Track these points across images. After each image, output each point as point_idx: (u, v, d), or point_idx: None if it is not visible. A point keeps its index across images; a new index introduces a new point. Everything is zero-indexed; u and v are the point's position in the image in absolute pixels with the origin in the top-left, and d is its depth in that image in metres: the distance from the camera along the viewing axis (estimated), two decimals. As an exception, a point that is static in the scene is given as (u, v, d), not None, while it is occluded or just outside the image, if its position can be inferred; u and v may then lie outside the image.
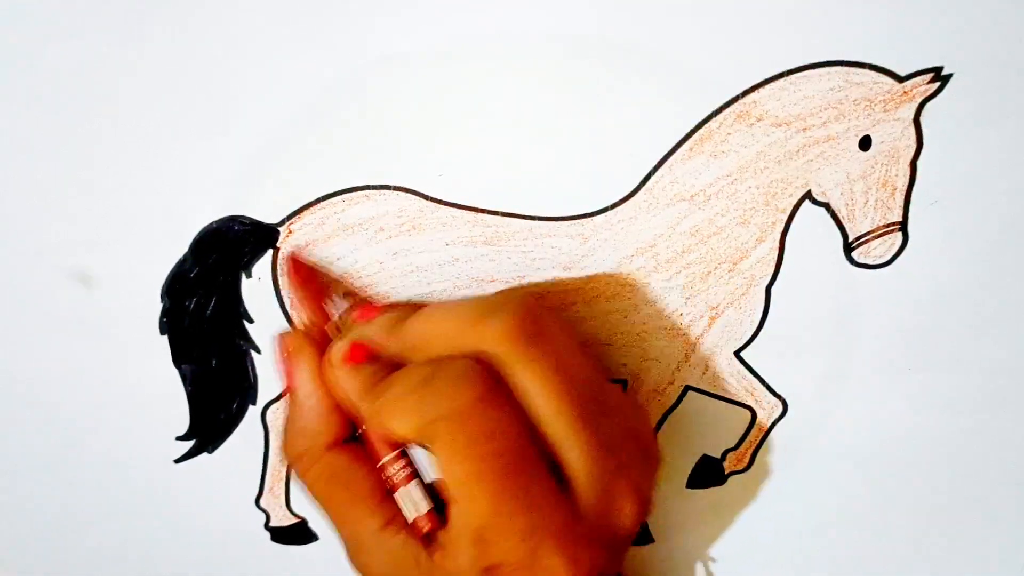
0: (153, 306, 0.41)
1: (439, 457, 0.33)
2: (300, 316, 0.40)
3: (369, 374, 0.36)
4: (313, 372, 0.38)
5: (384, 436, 0.36)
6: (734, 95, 0.37)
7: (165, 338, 0.42)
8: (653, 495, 0.38)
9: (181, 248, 0.40)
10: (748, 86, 0.37)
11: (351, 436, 0.38)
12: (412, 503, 0.35)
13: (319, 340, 0.38)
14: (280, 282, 0.41)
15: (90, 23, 0.36)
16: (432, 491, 0.36)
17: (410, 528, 0.35)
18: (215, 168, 0.38)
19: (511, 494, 0.33)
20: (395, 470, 0.36)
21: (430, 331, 0.35)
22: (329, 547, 0.47)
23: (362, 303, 0.40)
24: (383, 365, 0.36)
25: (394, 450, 0.36)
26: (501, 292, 0.38)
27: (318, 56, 0.37)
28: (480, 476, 0.33)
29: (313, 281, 0.40)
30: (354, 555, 0.37)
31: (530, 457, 0.34)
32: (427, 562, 0.35)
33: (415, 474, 0.36)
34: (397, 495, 0.36)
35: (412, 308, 0.37)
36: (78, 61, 0.36)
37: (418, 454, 0.37)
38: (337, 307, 0.40)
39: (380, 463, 0.36)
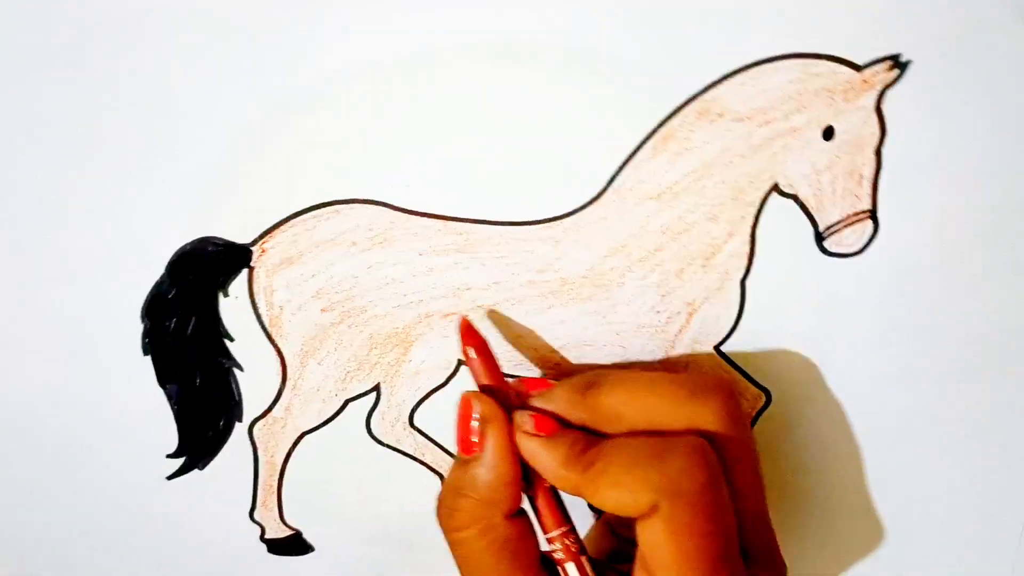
0: (135, 327, 0.41)
1: (655, 533, 0.33)
2: (480, 381, 0.39)
3: (571, 442, 0.36)
4: (506, 441, 0.37)
5: (606, 507, 0.35)
6: (694, 92, 0.37)
7: (149, 359, 0.42)
8: None
9: (158, 270, 0.40)
10: (707, 83, 0.37)
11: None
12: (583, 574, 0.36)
13: (507, 404, 0.38)
14: (264, 328, 0.42)
15: (41, 58, 0.36)
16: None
17: None
18: (185, 190, 0.39)
19: None
20: (569, 542, 0.37)
21: (631, 404, 0.36)
22: (324, 557, 0.48)
23: (530, 379, 0.40)
24: (581, 435, 0.36)
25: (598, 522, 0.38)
26: (698, 371, 0.39)
27: (279, 72, 0.37)
28: (696, 557, 0.33)
29: (486, 347, 0.39)
30: None
31: (736, 544, 0.34)
32: None
33: (583, 550, 0.37)
34: (568, 566, 0.36)
35: (595, 376, 0.37)
36: (38, 91, 0.37)
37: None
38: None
39: (550, 535, 0.37)
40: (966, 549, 0.48)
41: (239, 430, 0.44)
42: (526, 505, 0.38)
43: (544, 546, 0.38)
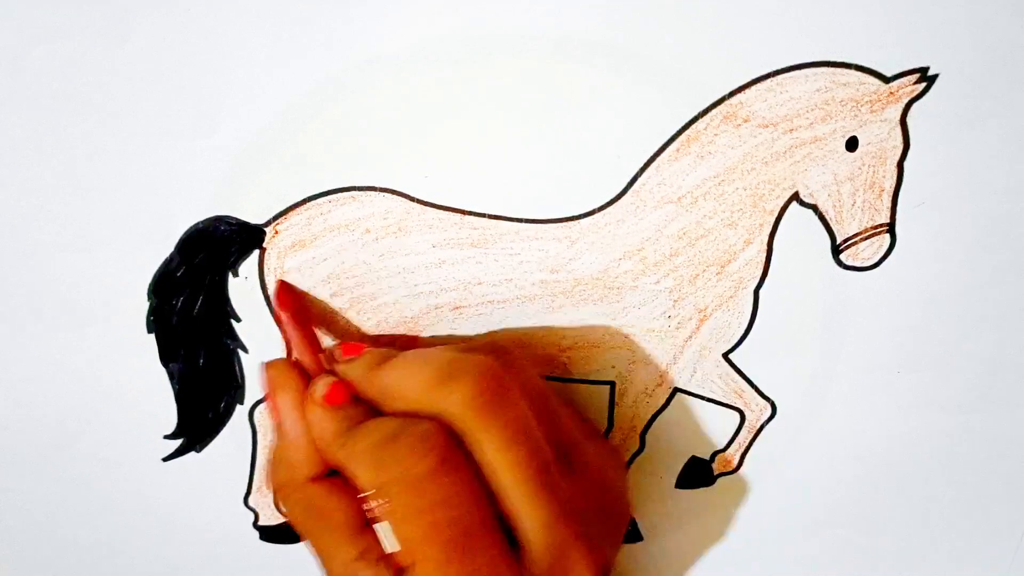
0: (140, 305, 0.41)
1: (394, 518, 0.34)
2: (291, 346, 0.40)
3: (343, 418, 0.36)
4: (296, 405, 0.38)
5: (358, 487, 0.36)
6: (720, 96, 0.37)
7: (152, 337, 0.42)
8: (614, 556, 0.38)
9: (168, 248, 0.40)
10: (735, 87, 0.37)
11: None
12: (390, 537, 0.35)
13: (313, 371, 0.39)
14: (271, 309, 0.41)
15: (76, 24, 0.36)
16: None
17: (386, 560, 0.35)
18: (202, 168, 0.38)
19: (460, 562, 0.34)
20: (376, 503, 0.36)
21: (400, 383, 0.36)
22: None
23: (348, 341, 0.40)
24: (359, 410, 0.37)
25: None
26: (469, 349, 0.38)
27: (305, 57, 0.37)
28: (431, 541, 0.34)
29: (303, 311, 0.40)
30: None
31: (485, 525, 0.34)
32: None
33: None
34: (377, 527, 0.35)
35: (393, 351, 0.37)
36: (64, 62, 0.36)
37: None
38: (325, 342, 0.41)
39: (361, 495, 0.36)
40: (964, 558, 0.48)
41: (239, 413, 0.44)
42: None
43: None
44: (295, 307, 0.40)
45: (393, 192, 0.39)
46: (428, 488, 0.34)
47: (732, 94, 0.37)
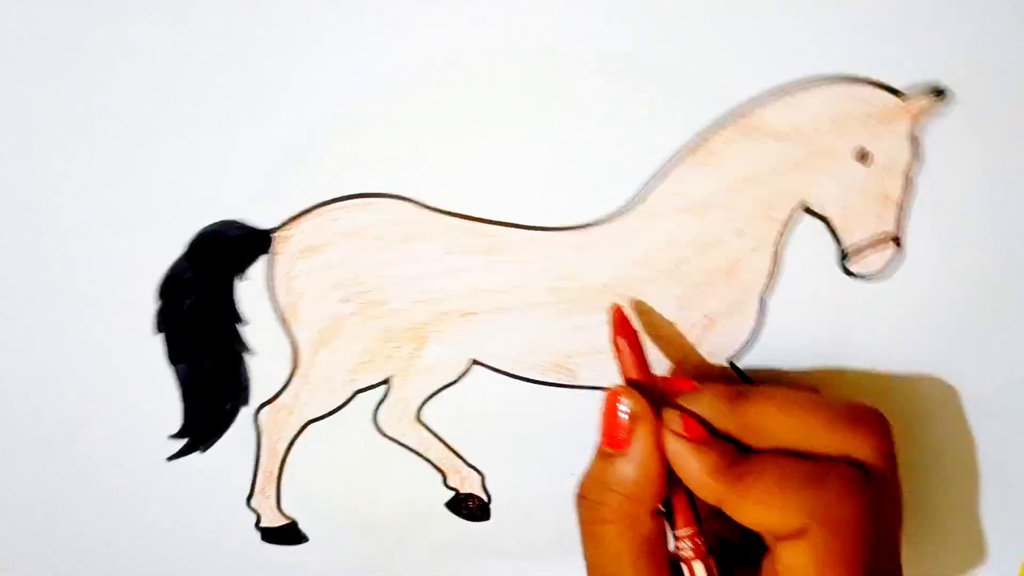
0: (147, 304, 0.41)
1: (799, 556, 0.34)
2: (629, 375, 0.39)
3: (720, 452, 0.35)
4: (655, 440, 0.36)
5: (747, 522, 0.35)
6: (735, 107, 0.37)
7: (159, 337, 0.42)
8: None
9: (176, 248, 0.40)
10: (749, 98, 0.37)
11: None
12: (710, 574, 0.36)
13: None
14: (278, 313, 0.41)
15: (96, 26, 0.35)
16: None
17: None
18: (213, 172, 0.38)
19: None
20: (700, 542, 0.37)
21: (780, 421, 0.36)
22: (318, 548, 0.48)
23: (675, 378, 0.40)
24: (730, 447, 0.36)
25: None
26: (851, 399, 0.38)
27: (318, 68, 0.37)
28: None
29: (637, 339, 0.39)
30: None
31: (881, 571, 0.35)
32: None
33: (711, 551, 0.37)
34: (695, 565, 0.36)
35: (743, 388, 0.37)
36: (81, 64, 0.36)
37: None
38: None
39: (680, 532, 0.36)
40: (964, 559, 0.49)
41: (244, 415, 0.44)
42: None
43: (671, 544, 0.38)
44: (632, 334, 0.39)
45: (404, 199, 0.39)
46: (856, 530, 0.33)
47: (746, 106, 0.37)
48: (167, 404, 0.43)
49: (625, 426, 0.37)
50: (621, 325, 0.39)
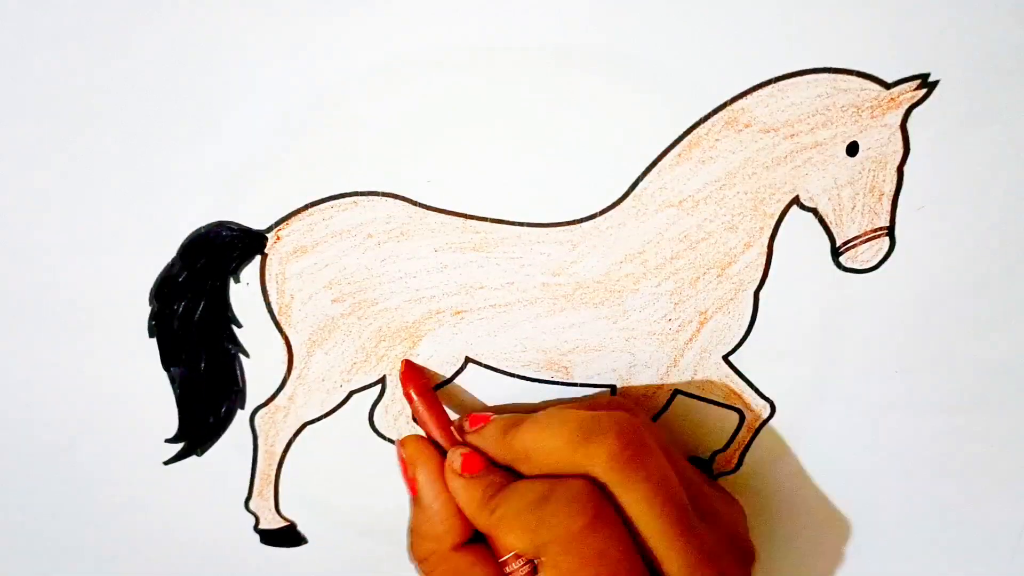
0: (142, 309, 0.41)
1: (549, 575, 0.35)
2: (423, 424, 0.42)
3: (485, 486, 0.38)
4: (435, 479, 0.40)
5: (509, 551, 0.37)
6: (722, 101, 0.37)
7: (154, 341, 0.42)
8: None
9: (169, 252, 0.40)
10: (736, 92, 0.37)
11: (473, 536, 0.39)
12: None
13: (446, 444, 0.41)
14: (273, 317, 0.42)
15: (78, 28, 0.35)
16: None
17: None
18: (204, 173, 0.38)
19: None
20: (517, 566, 0.37)
21: (536, 447, 0.37)
22: (317, 550, 0.48)
23: (472, 413, 0.41)
24: (498, 477, 0.38)
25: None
26: (590, 407, 0.39)
27: (308, 63, 0.37)
28: None
29: (428, 386, 0.42)
30: None
31: (636, 573, 0.35)
32: None
33: (535, 571, 0.37)
34: None
35: (520, 415, 0.39)
36: (67, 66, 0.36)
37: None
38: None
39: (502, 559, 0.37)
40: (963, 558, 0.48)
41: (240, 418, 0.44)
42: None
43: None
44: (420, 383, 0.42)
45: (395, 197, 0.39)
46: (585, 545, 0.35)
47: (734, 99, 0.37)
48: (163, 408, 0.43)
49: (408, 472, 0.41)
50: (409, 376, 0.42)
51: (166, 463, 0.45)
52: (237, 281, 0.41)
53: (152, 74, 0.36)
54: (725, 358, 0.43)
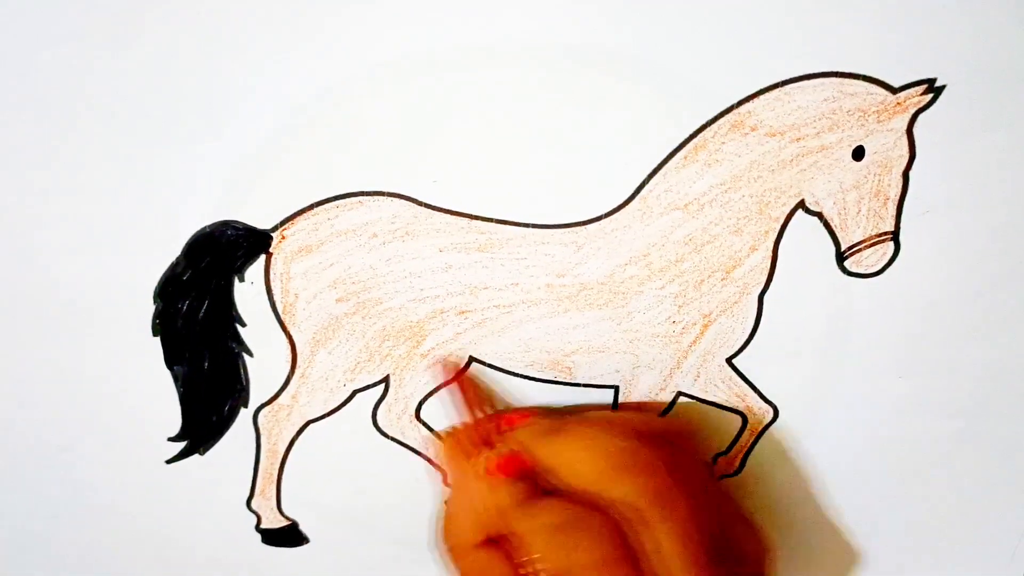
0: (146, 308, 0.41)
1: None
2: (461, 419, 0.42)
3: (520, 490, 0.39)
4: (471, 474, 0.40)
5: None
6: (729, 105, 0.37)
7: (158, 340, 0.42)
8: None
9: (174, 251, 0.40)
10: (743, 96, 0.37)
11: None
12: None
13: (482, 440, 0.41)
14: (277, 317, 0.42)
15: (83, 27, 0.35)
16: None
17: None
18: (209, 173, 0.38)
19: None
20: (536, 568, 0.38)
21: (573, 466, 0.38)
22: (319, 549, 0.48)
23: (507, 413, 0.42)
24: (531, 485, 0.39)
25: None
26: (641, 432, 0.40)
27: (313, 62, 0.37)
28: None
29: (468, 382, 0.43)
30: None
31: None
32: None
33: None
34: None
35: (558, 421, 0.40)
36: (71, 65, 0.36)
37: None
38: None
39: (524, 559, 0.38)
40: (964, 560, 0.48)
41: (243, 417, 0.44)
42: None
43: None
44: (460, 379, 0.42)
45: (400, 196, 0.39)
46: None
47: (740, 103, 0.37)
48: (166, 407, 0.43)
49: (446, 465, 0.43)
50: (448, 371, 0.42)
51: (168, 462, 0.45)
52: (242, 280, 0.41)
53: (158, 73, 0.36)
54: (728, 361, 0.43)
